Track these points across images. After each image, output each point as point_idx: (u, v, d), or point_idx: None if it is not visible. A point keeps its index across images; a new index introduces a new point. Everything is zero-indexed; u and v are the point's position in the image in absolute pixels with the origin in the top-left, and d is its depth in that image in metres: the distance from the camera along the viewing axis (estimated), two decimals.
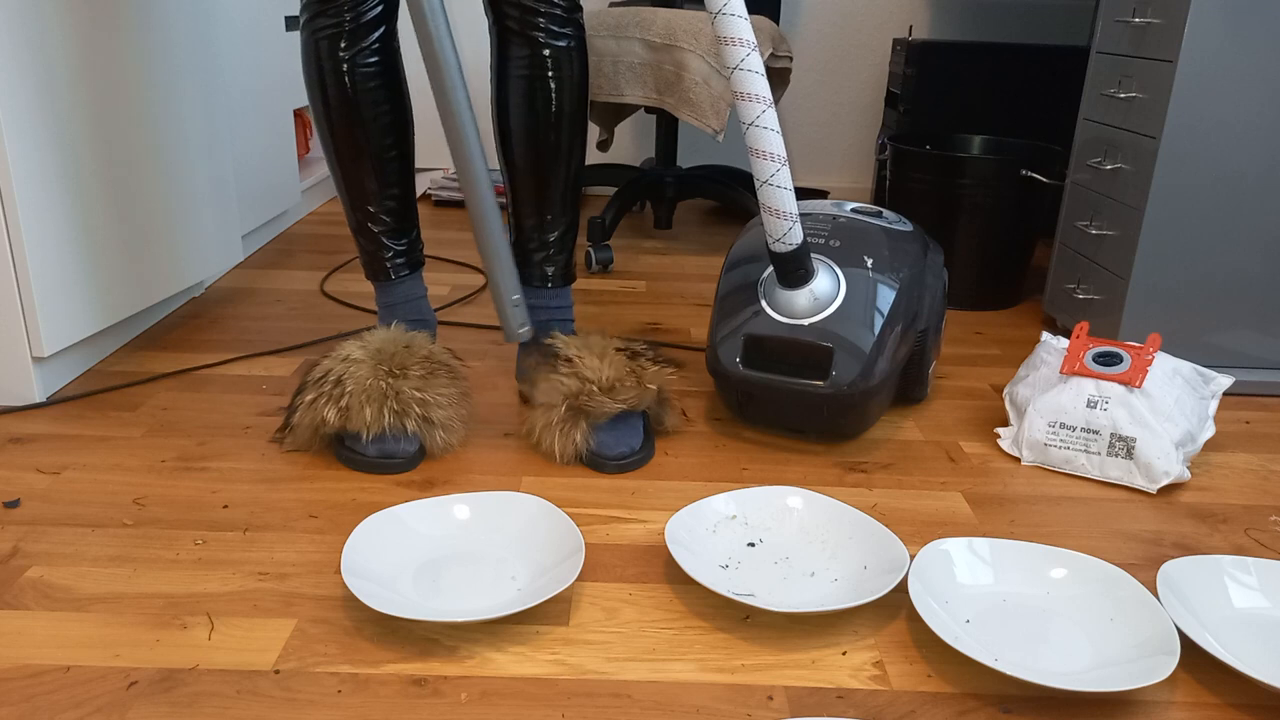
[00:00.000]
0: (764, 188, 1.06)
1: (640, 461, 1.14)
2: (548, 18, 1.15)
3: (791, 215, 1.08)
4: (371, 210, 1.23)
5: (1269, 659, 0.82)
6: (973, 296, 1.78)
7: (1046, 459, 1.18)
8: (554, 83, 1.17)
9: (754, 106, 1.02)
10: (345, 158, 1.21)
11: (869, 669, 0.82)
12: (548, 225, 1.24)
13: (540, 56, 1.16)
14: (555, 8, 1.15)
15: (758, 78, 1.02)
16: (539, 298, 1.28)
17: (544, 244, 1.25)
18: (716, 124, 1.93)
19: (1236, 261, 1.40)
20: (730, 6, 1.00)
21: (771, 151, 1.04)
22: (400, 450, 1.11)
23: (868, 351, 1.14)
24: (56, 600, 0.87)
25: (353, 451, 1.11)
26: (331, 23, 1.14)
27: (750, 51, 1.00)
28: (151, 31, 1.41)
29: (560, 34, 1.16)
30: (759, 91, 1.02)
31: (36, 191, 1.20)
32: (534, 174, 1.21)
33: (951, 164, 1.72)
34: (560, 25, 1.16)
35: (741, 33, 1.00)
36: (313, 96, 1.19)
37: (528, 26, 1.15)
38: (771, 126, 1.03)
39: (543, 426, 1.14)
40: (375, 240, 1.26)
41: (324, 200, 2.49)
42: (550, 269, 1.26)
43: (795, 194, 1.34)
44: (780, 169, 1.04)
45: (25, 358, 1.23)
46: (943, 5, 2.53)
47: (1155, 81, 1.38)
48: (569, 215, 1.25)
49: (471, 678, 0.79)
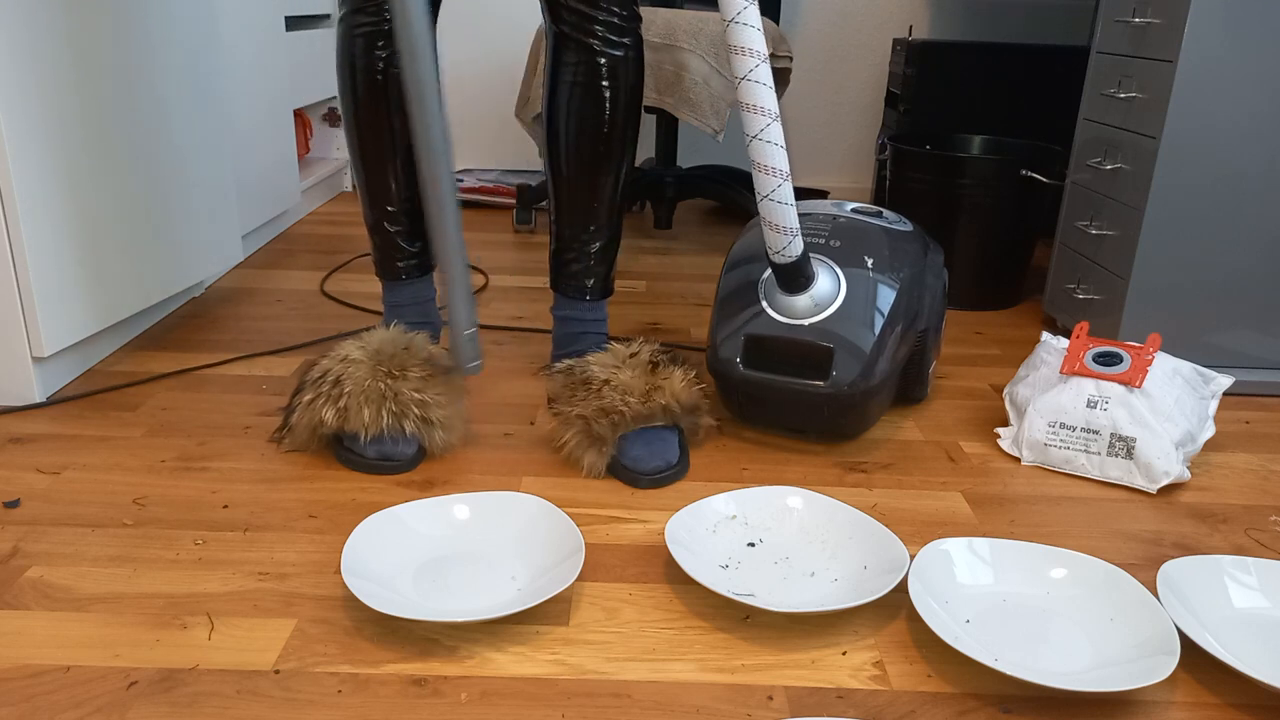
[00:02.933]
0: (765, 202, 1.05)
1: (675, 475, 1.12)
2: (605, 26, 1.12)
3: (792, 230, 1.07)
4: (390, 210, 1.22)
5: (1269, 659, 0.82)
6: (973, 296, 1.78)
7: (1046, 459, 1.18)
8: (608, 92, 1.14)
9: (759, 120, 1.00)
10: (370, 155, 1.19)
11: (869, 669, 0.82)
12: (589, 236, 1.21)
13: (595, 64, 1.13)
14: (614, 16, 1.12)
15: (765, 90, 1.00)
16: (574, 310, 1.25)
17: (584, 255, 1.21)
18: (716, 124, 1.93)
19: (1236, 261, 1.40)
20: (744, 16, 0.97)
21: (774, 166, 1.02)
22: (399, 452, 1.10)
23: (868, 351, 1.14)
24: (56, 600, 0.87)
25: (351, 452, 1.11)
26: (370, 20, 1.13)
27: (760, 63, 0.99)
28: (152, 32, 1.41)
29: (617, 43, 1.13)
30: (765, 105, 1.00)
31: (36, 191, 1.20)
32: (580, 184, 1.18)
33: (951, 164, 1.72)
34: (618, 34, 1.13)
35: (753, 43, 0.98)
36: (343, 91, 1.18)
37: (584, 33, 1.12)
38: (776, 141, 1.01)
39: (575, 443, 1.12)
40: (389, 240, 1.25)
41: (324, 200, 2.50)
42: (589, 281, 1.23)
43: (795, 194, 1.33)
44: (782, 184, 1.03)
45: (25, 358, 1.23)
46: (943, 5, 2.53)
47: (1155, 81, 1.38)
48: (612, 228, 1.22)
49: (471, 678, 0.79)
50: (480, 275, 1.90)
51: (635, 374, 1.12)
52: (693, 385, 1.16)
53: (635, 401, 1.10)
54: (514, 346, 1.53)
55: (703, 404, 1.18)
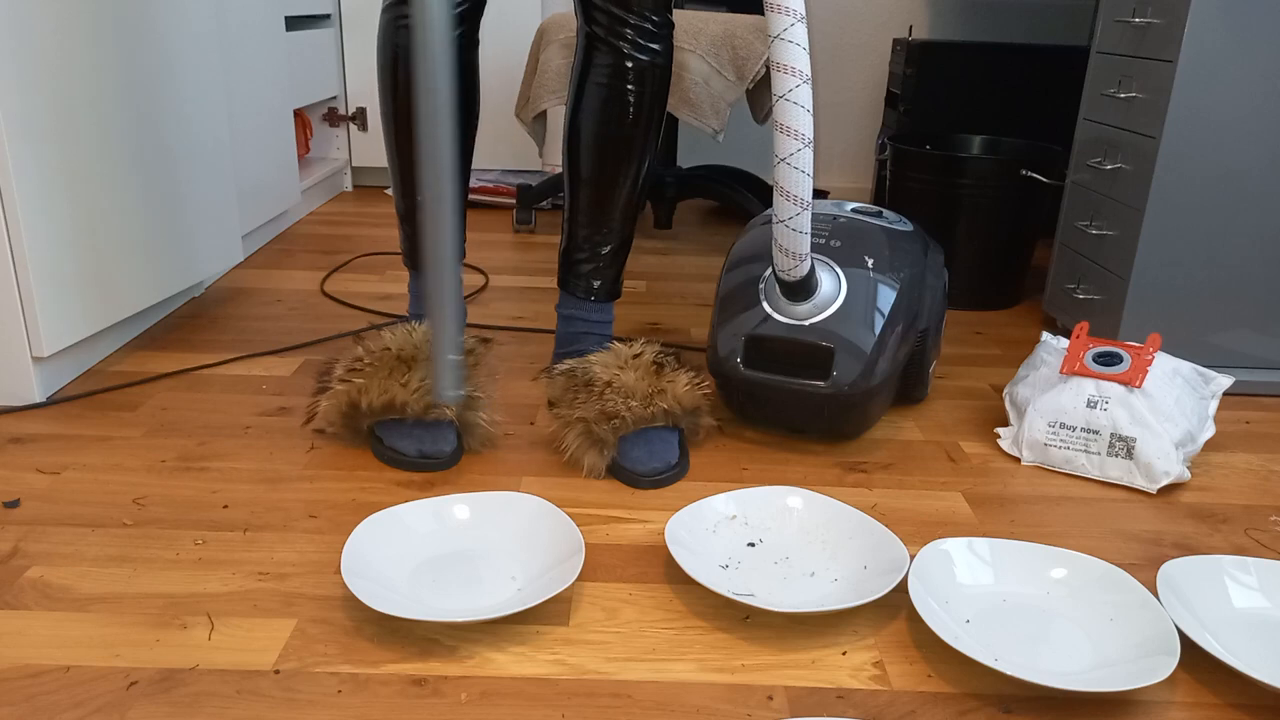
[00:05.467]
0: (780, 226, 1.04)
1: (675, 477, 1.12)
2: (636, 30, 1.12)
3: (801, 256, 1.07)
4: (420, 201, 1.20)
5: (1269, 659, 0.82)
6: (973, 296, 1.78)
7: (1046, 459, 1.18)
8: (633, 96, 1.14)
9: (791, 143, 1.00)
10: (405, 144, 1.18)
11: (869, 669, 0.82)
12: (602, 238, 1.21)
13: (623, 67, 1.13)
14: (646, 20, 1.12)
15: (804, 114, 0.98)
16: (581, 309, 1.25)
17: (595, 256, 1.22)
18: (716, 124, 1.93)
19: (1236, 261, 1.39)
20: (790, 33, 0.96)
21: (797, 194, 1.02)
22: (438, 450, 1.12)
23: (869, 352, 1.14)
24: (56, 600, 0.87)
25: (394, 450, 1.12)
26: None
27: (800, 84, 0.97)
28: (151, 31, 1.41)
29: (647, 48, 1.13)
30: (800, 129, 0.99)
31: (37, 191, 1.20)
32: (598, 185, 1.18)
33: (951, 164, 1.72)
34: (649, 39, 1.13)
35: (796, 62, 0.97)
36: (383, 79, 1.16)
37: (615, 36, 1.12)
38: (803, 169, 1.01)
39: (576, 445, 1.12)
40: (420, 230, 1.23)
41: (324, 200, 2.50)
42: (597, 282, 1.23)
43: None
44: (801, 213, 1.03)
45: (25, 358, 1.23)
46: (943, 5, 2.53)
47: (1155, 81, 1.38)
48: (625, 231, 1.22)
49: (471, 678, 0.79)
50: (480, 275, 1.90)
51: (638, 375, 1.12)
52: (696, 389, 1.16)
53: (637, 405, 1.10)
54: (514, 346, 1.53)
55: (704, 405, 1.18)
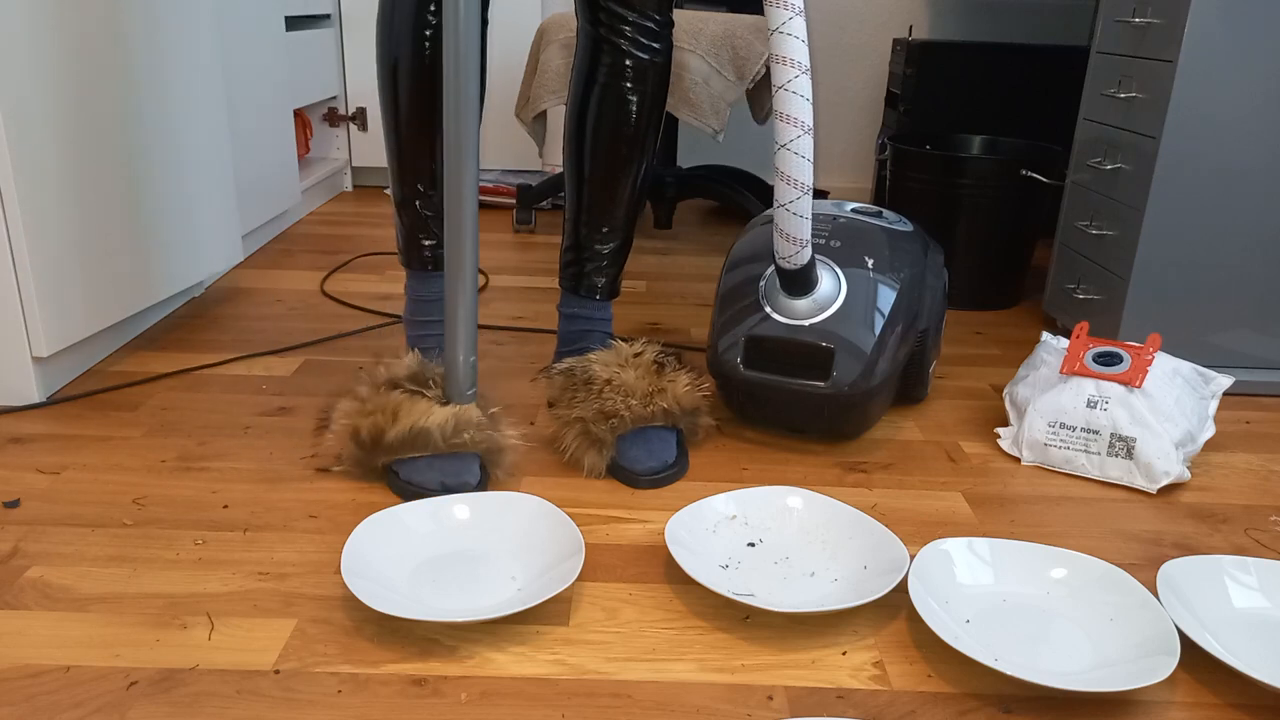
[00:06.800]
0: (781, 211, 1.05)
1: (674, 476, 1.12)
2: (636, 28, 1.11)
3: (802, 241, 1.07)
4: (421, 189, 1.15)
5: (1269, 659, 0.82)
6: (973, 296, 1.78)
7: (1046, 459, 1.18)
8: (633, 95, 1.13)
9: (791, 130, 1.00)
10: (408, 127, 1.12)
11: (869, 669, 0.82)
12: (604, 237, 1.21)
13: (623, 66, 1.13)
14: (647, 19, 1.11)
15: (802, 103, 1.00)
16: (583, 308, 1.25)
17: (596, 255, 1.21)
18: (716, 124, 1.93)
19: (1236, 261, 1.39)
20: (788, 26, 0.97)
21: (798, 179, 1.02)
22: (462, 482, 1.04)
23: (869, 352, 1.14)
24: (56, 600, 0.87)
25: (410, 483, 1.04)
26: None
27: (799, 74, 0.99)
28: (151, 31, 1.41)
29: (648, 46, 1.13)
30: (799, 117, 1.00)
31: (36, 191, 1.20)
32: (599, 184, 1.18)
33: (951, 164, 1.72)
34: (649, 38, 1.12)
35: (795, 54, 0.98)
36: (383, 52, 1.11)
37: (616, 34, 1.12)
38: (803, 154, 1.01)
39: (575, 446, 1.11)
40: (418, 221, 1.17)
41: (324, 200, 2.50)
42: (599, 280, 1.23)
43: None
44: (802, 197, 1.03)
45: (25, 358, 1.23)
46: (943, 5, 2.53)
47: (1155, 81, 1.38)
48: (626, 230, 1.22)
49: (471, 678, 0.79)
50: (480, 275, 1.90)
51: (639, 375, 1.12)
52: (696, 389, 1.16)
53: (636, 404, 1.10)
54: (514, 346, 1.53)
55: (703, 406, 1.18)
